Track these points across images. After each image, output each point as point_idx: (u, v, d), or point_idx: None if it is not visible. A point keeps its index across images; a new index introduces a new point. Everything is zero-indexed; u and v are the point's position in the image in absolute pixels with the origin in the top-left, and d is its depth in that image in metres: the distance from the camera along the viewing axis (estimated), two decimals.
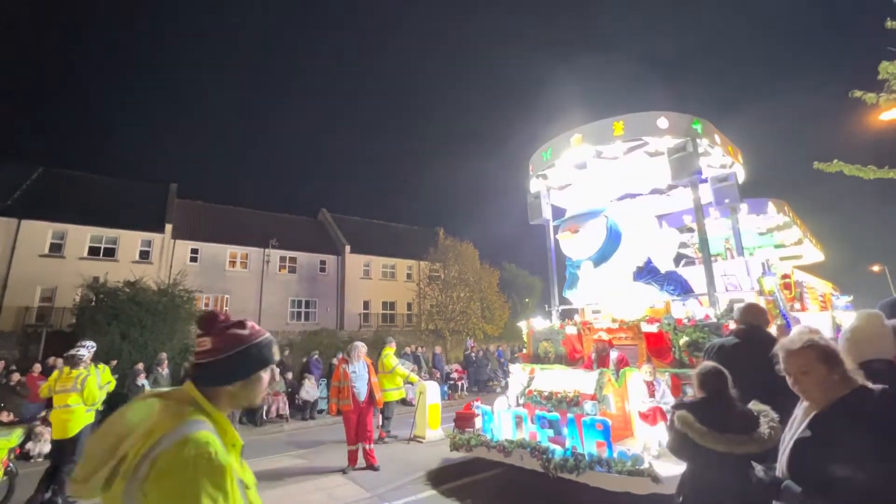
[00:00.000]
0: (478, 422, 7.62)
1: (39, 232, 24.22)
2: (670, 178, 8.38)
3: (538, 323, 9.63)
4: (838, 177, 8.99)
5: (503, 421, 7.13)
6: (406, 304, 35.09)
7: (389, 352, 11.06)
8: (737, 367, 3.33)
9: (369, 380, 8.52)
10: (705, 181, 9.94)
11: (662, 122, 8.19)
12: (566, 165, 9.30)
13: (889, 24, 7.81)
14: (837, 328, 10.32)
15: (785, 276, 11.50)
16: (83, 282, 18.28)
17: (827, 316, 10.57)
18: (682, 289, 8.62)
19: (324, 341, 23.16)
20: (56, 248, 24.70)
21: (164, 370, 13.63)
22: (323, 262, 33.53)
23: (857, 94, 8.34)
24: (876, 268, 41.08)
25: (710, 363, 3.25)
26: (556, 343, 9.27)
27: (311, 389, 15.24)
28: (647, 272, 8.56)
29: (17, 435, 6.53)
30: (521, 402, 7.58)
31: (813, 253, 14.33)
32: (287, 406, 14.71)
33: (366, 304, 34.07)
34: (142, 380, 11.96)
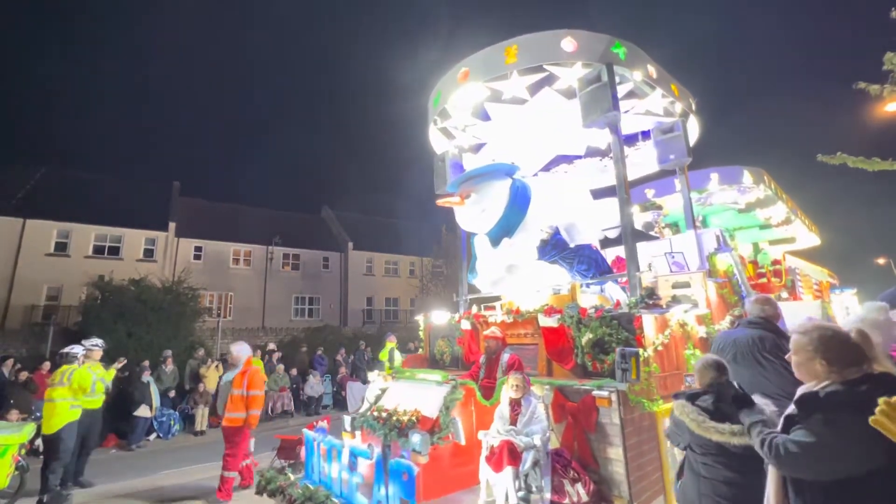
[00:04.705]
0: (303, 452, 5.13)
1: (44, 231, 22.96)
2: (582, 120, 5.73)
3: (437, 317, 7.07)
4: (843, 169, 8.54)
5: (321, 454, 4.66)
6: (409, 300, 32.77)
7: (391, 346, 10.40)
8: (761, 360, 3.29)
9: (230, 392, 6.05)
10: (648, 136, 7.25)
11: (568, 44, 5.58)
12: (462, 113, 6.75)
13: (894, 13, 7.22)
14: (828, 318, 7.52)
15: (775, 262, 9.21)
16: (88, 280, 17.59)
17: (817, 305, 7.74)
18: (597, 268, 5.95)
19: (328, 338, 21.65)
20: (61, 247, 23.40)
21: (169, 367, 12.67)
22: (326, 259, 31.54)
23: (862, 85, 7.92)
24: (881, 261, 37.36)
25: (709, 355, 3.01)
26: (452, 342, 6.74)
27: (315, 385, 14.70)
28: (551, 247, 5.93)
29: (27, 431, 6.15)
30: (356, 424, 5.04)
31: (806, 235, 11.32)
32: (292, 402, 13.91)
33: (369, 301, 31.94)
34: (146, 377, 11.01)
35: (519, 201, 6.18)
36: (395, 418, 4.56)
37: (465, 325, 6.38)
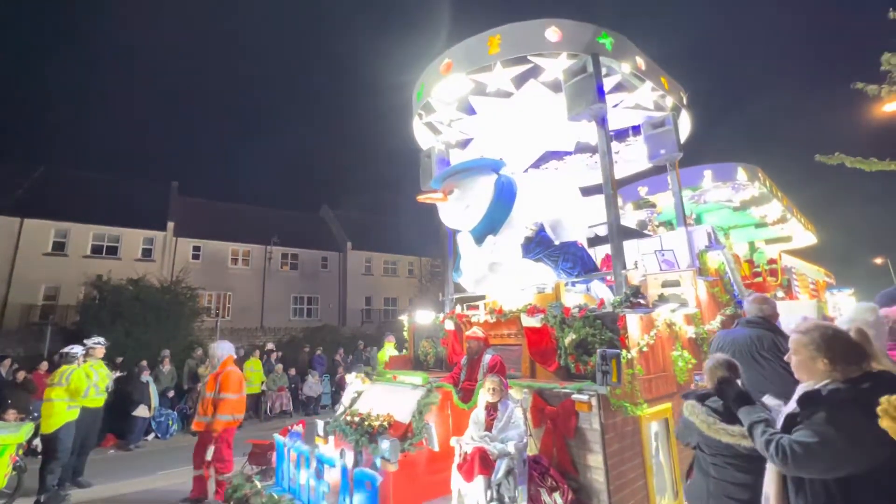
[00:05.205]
0: (275, 458, 4.90)
1: (42, 231, 22.75)
2: (567, 113, 5.49)
3: (422, 317, 6.83)
4: (841, 169, 8.45)
5: (291, 461, 4.42)
6: (408, 299, 32.45)
7: (389, 346, 10.13)
8: (760, 359, 3.30)
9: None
10: (638, 130, 7.01)
11: (552, 34, 5.34)
12: (447, 107, 6.52)
13: (892, 14, 7.14)
14: (823, 318, 7.28)
15: (771, 262, 9.00)
16: (86, 280, 17.64)
17: (812, 305, 7.49)
18: (583, 266, 5.69)
19: (326, 337, 21.67)
20: (59, 247, 23.19)
21: (166, 367, 12.63)
22: (324, 259, 31.32)
23: (860, 85, 7.86)
24: (878, 260, 37.12)
25: (720, 354, 2.93)
26: (436, 342, 6.50)
27: (314, 385, 14.68)
28: (535, 245, 5.68)
29: (24, 431, 6.09)
30: (329, 429, 4.79)
31: (802, 234, 11.06)
32: (290, 402, 13.83)
33: (367, 300, 31.72)
34: (145, 376, 10.99)
35: (504, 197, 5.93)
36: (366, 423, 4.32)
37: (449, 325, 6.13)
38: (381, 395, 4.88)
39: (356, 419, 4.50)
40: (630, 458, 3.97)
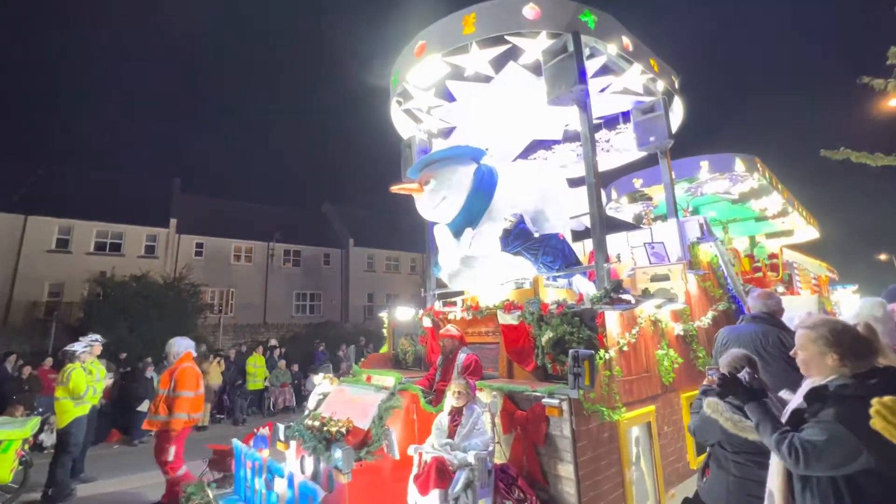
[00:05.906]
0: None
1: (46, 228, 22.64)
2: (546, 96, 5.09)
3: (402, 314, 6.46)
4: (846, 164, 8.02)
5: (247, 469, 4.08)
6: (410, 296, 32.17)
7: None
8: (764, 355, 3.18)
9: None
10: (628, 118, 6.59)
11: (530, 11, 4.94)
12: (424, 93, 6.13)
13: None
14: (825, 313, 6.88)
15: (772, 256, 8.71)
16: (90, 277, 17.45)
17: (814, 300, 7.09)
18: (564, 260, 5.30)
19: (329, 333, 21.56)
20: (63, 244, 23.08)
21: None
22: (327, 256, 31.05)
23: (866, 80, 7.44)
24: (883, 257, 36.47)
25: (737, 349, 2.87)
26: (415, 340, 6.14)
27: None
28: (514, 237, 5.30)
29: (31, 426, 6.16)
30: (289, 434, 4.43)
31: (804, 228, 10.58)
32: (294, 398, 13.76)
33: (370, 297, 31.36)
34: (150, 373, 10.94)
35: (484, 188, 5.55)
36: (325, 428, 3.96)
37: (427, 322, 5.76)
38: (347, 398, 4.53)
39: (316, 424, 4.14)
40: (606, 468, 3.59)
